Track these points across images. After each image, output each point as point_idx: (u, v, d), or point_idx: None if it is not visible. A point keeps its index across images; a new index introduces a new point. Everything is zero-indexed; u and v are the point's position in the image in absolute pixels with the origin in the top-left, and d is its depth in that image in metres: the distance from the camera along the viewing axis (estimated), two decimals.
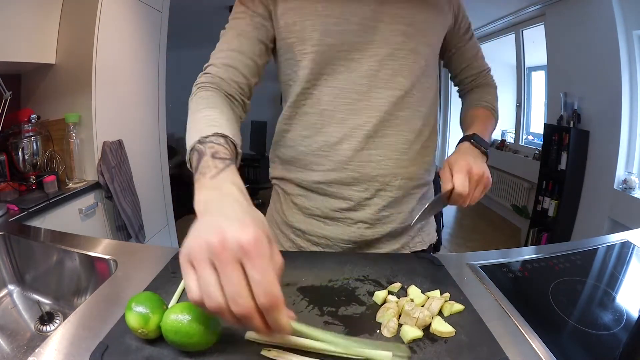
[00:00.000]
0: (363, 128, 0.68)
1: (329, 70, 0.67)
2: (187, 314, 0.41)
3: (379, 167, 0.69)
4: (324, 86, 0.68)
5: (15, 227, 0.89)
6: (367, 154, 0.69)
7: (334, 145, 0.69)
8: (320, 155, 0.70)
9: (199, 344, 0.41)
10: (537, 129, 3.62)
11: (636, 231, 0.81)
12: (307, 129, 0.71)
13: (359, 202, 0.71)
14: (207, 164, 0.45)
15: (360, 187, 0.70)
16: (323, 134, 0.69)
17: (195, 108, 0.58)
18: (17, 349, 0.67)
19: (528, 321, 0.50)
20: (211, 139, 0.49)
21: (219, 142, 0.49)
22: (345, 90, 0.68)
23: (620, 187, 2.34)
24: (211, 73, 0.65)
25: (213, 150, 0.47)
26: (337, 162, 0.69)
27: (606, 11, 2.32)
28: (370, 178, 0.70)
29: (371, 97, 0.67)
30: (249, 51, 0.67)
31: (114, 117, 1.72)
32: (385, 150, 0.69)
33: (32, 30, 1.45)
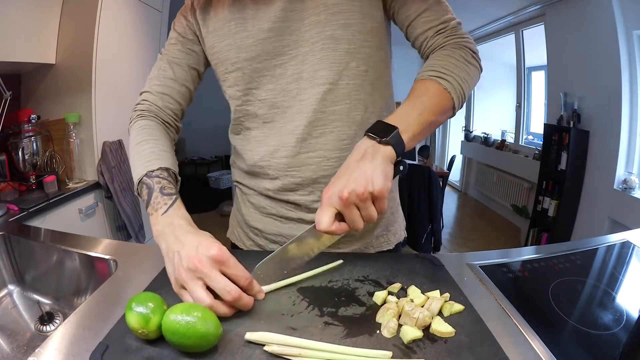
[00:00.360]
0: (294, 133, 0.66)
1: (256, 84, 0.67)
2: (187, 315, 0.41)
3: (318, 168, 0.67)
4: (256, 100, 0.68)
5: (15, 227, 0.89)
6: (304, 158, 0.67)
7: (272, 154, 0.69)
8: (262, 166, 0.71)
9: (199, 345, 0.41)
10: (537, 129, 3.62)
11: (636, 231, 0.81)
12: (249, 143, 0.73)
13: (306, 205, 0.70)
14: (158, 200, 0.56)
15: (304, 191, 0.69)
16: (263, 144, 0.70)
17: (138, 138, 0.65)
18: (17, 349, 0.67)
19: (528, 321, 0.50)
20: (157, 173, 0.59)
21: (164, 176, 0.59)
22: (276, 100, 0.67)
23: (620, 187, 2.34)
24: (148, 101, 0.72)
25: (160, 185, 0.58)
26: (278, 170, 0.69)
27: (606, 11, 2.32)
28: (312, 181, 0.68)
29: (300, 100, 0.65)
30: (181, 78, 0.72)
31: (114, 117, 1.72)
32: (322, 151, 0.66)
33: (32, 30, 1.45)
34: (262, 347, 0.43)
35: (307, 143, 0.66)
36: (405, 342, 0.44)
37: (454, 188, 5.11)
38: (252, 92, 0.68)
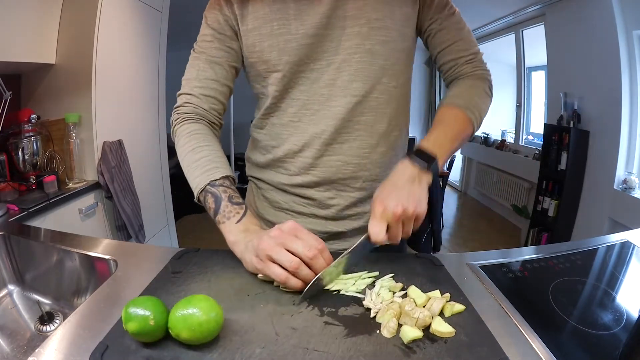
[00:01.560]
0: (321, 136, 0.70)
1: (293, 84, 0.70)
2: (191, 307, 0.42)
3: (338, 172, 0.72)
4: (289, 99, 0.71)
5: (15, 227, 0.89)
6: (326, 160, 0.71)
7: (297, 153, 0.72)
8: (285, 162, 0.74)
9: (204, 336, 0.42)
10: (537, 129, 3.62)
11: (636, 231, 0.81)
12: (275, 139, 0.75)
13: (321, 201, 0.74)
14: (229, 209, 0.60)
15: (322, 189, 0.74)
16: (288, 143, 0.73)
17: (191, 144, 0.66)
18: (17, 349, 0.67)
19: (528, 321, 0.50)
20: (220, 181, 0.61)
21: (228, 185, 0.62)
22: (308, 102, 0.70)
23: (620, 187, 2.34)
24: (192, 103, 0.70)
25: (227, 194, 0.61)
26: (300, 168, 0.73)
27: (606, 11, 2.32)
28: (331, 182, 0.73)
29: (330, 106, 0.69)
30: (222, 78, 0.72)
31: (114, 117, 1.72)
32: (344, 156, 0.71)
33: (32, 30, 1.45)
34: (262, 347, 0.43)
35: (331, 147, 0.71)
36: (405, 342, 0.44)
37: (454, 188, 5.11)
38: (287, 91, 0.70)
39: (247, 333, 0.45)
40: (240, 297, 0.53)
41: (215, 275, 0.58)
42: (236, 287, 0.55)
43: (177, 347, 0.43)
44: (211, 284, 0.56)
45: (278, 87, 0.70)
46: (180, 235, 2.53)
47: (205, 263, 0.62)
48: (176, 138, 0.70)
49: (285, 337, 0.45)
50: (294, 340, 0.44)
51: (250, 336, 0.45)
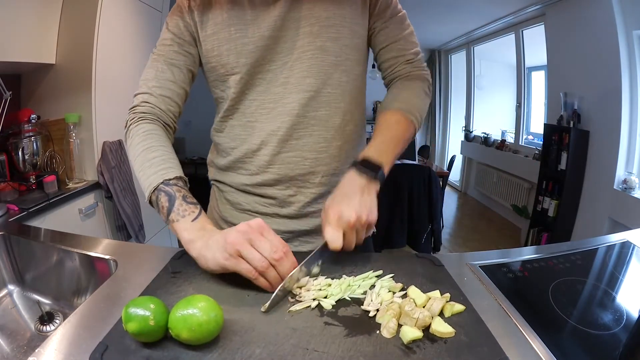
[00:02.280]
0: (277, 133, 0.71)
1: (250, 86, 0.71)
2: (192, 308, 0.42)
3: (296, 167, 0.73)
4: (246, 100, 0.73)
5: (15, 227, 0.89)
6: (283, 157, 0.72)
7: (255, 152, 0.74)
8: (244, 162, 0.76)
9: (204, 336, 0.42)
10: (537, 129, 3.62)
11: (636, 231, 0.81)
12: (234, 140, 0.76)
13: (282, 199, 0.75)
14: (183, 208, 0.59)
15: (281, 187, 0.75)
16: (246, 143, 0.74)
17: (145, 144, 0.66)
18: (17, 349, 0.67)
19: (528, 321, 0.50)
20: (174, 182, 0.61)
21: (182, 185, 0.62)
22: (264, 102, 0.71)
23: (620, 187, 2.34)
24: (150, 103, 0.71)
25: (182, 194, 0.60)
26: (259, 167, 0.74)
27: (606, 11, 2.32)
28: (290, 178, 0.74)
29: (284, 103, 0.70)
30: (180, 80, 0.73)
31: (114, 117, 1.72)
32: (300, 152, 0.72)
33: (32, 30, 1.45)
34: (262, 347, 0.43)
35: (287, 144, 0.72)
36: (405, 342, 0.44)
37: (454, 188, 5.11)
38: (245, 93, 0.72)
39: (247, 333, 0.45)
40: (240, 297, 0.53)
41: (215, 276, 0.58)
42: (236, 287, 0.55)
43: (177, 347, 0.43)
44: (211, 284, 0.56)
45: (236, 89, 0.72)
46: None
47: None
48: (129, 138, 0.69)
49: (285, 337, 0.45)
50: (294, 340, 0.44)
51: (250, 336, 0.45)
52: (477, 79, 4.48)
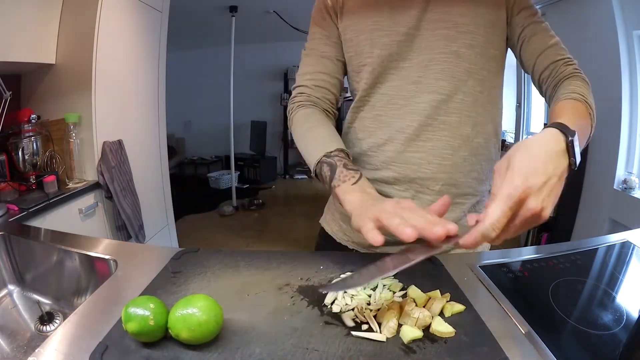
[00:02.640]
0: (405, 131, 0.71)
1: (382, 79, 0.73)
2: (191, 307, 0.42)
3: (419, 170, 0.72)
4: (378, 93, 0.74)
5: (15, 227, 0.89)
6: (408, 156, 0.72)
7: (380, 146, 0.74)
8: (369, 155, 0.76)
9: (208, 331, 0.42)
10: (537, 129, 3.62)
11: (636, 231, 0.81)
12: (362, 132, 0.77)
13: None
14: (344, 174, 0.60)
15: (400, 187, 0.74)
16: (373, 136, 0.75)
17: (307, 125, 0.72)
18: (17, 349, 0.67)
19: (528, 321, 0.50)
20: (335, 153, 0.63)
21: (343, 156, 0.63)
22: (394, 97, 0.72)
23: (620, 187, 2.34)
24: (306, 93, 0.77)
25: (343, 162, 0.62)
26: (382, 162, 0.75)
27: (606, 11, 2.32)
28: (410, 180, 0.73)
29: (415, 102, 0.71)
30: (332, 71, 0.78)
31: (114, 117, 1.72)
32: (426, 154, 0.71)
33: (32, 30, 1.45)
34: (262, 347, 0.43)
35: (414, 143, 0.71)
36: (405, 342, 0.44)
37: None
38: (376, 85, 0.74)
39: (247, 333, 0.45)
40: (240, 297, 0.53)
41: (215, 275, 0.58)
42: (236, 287, 0.55)
43: (177, 347, 0.43)
44: (211, 284, 0.56)
45: (368, 81, 0.74)
46: (180, 235, 2.53)
47: (205, 263, 0.62)
48: (292, 125, 0.75)
49: (285, 337, 0.45)
50: (294, 340, 0.44)
51: (250, 336, 0.45)
52: None
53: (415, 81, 0.70)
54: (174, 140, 5.61)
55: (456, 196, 0.73)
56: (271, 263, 0.62)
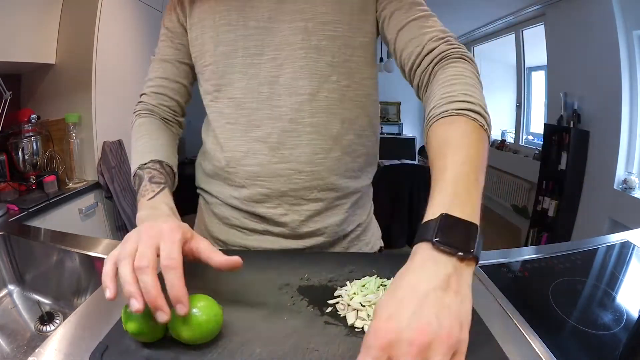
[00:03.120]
0: (266, 140, 0.63)
1: (227, 81, 0.65)
2: (193, 307, 0.42)
3: (289, 181, 0.64)
4: (224, 98, 0.66)
5: (15, 227, 0.89)
6: (275, 168, 0.63)
7: (240, 160, 0.65)
8: (228, 172, 0.67)
9: (208, 331, 0.42)
10: (537, 129, 3.62)
11: (636, 231, 0.81)
12: (216, 145, 0.69)
13: (272, 219, 0.66)
14: (146, 188, 0.56)
15: (271, 204, 0.66)
16: (228, 149, 0.66)
17: (135, 136, 0.66)
18: (17, 349, 0.67)
19: (528, 321, 0.50)
20: (148, 165, 0.59)
21: (155, 168, 0.59)
22: (245, 101, 0.64)
23: (620, 187, 2.34)
24: (144, 101, 0.72)
25: (150, 175, 0.58)
26: (245, 179, 0.66)
27: (606, 11, 2.32)
28: (281, 194, 0.65)
29: (272, 106, 0.62)
30: (173, 75, 0.72)
31: (114, 117, 1.72)
32: (295, 163, 0.63)
33: (32, 30, 1.45)
34: (262, 347, 0.43)
35: (279, 153, 0.63)
36: None
37: None
38: (222, 88, 0.66)
39: (247, 333, 0.45)
40: (240, 297, 0.53)
41: (215, 275, 0.58)
42: (236, 287, 0.55)
43: (177, 347, 0.43)
44: (211, 284, 0.56)
45: (212, 82, 0.66)
46: None
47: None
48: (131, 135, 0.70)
49: (285, 337, 0.44)
50: (294, 340, 0.44)
51: (250, 336, 0.45)
52: None
53: (269, 81, 0.62)
54: None
55: (335, 199, 0.67)
56: (271, 263, 0.62)
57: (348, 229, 0.71)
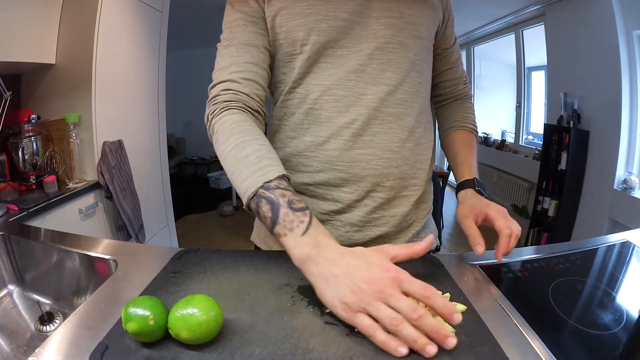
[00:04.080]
0: (351, 126, 0.65)
1: (316, 69, 0.66)
2: (191, 307, 0.42)
3: (369, 167, 0.66)
4: (310, 84, 0.66)
5: (15, 227, 0.89)
6: (355, 154, 0.66)
7: (321, 145, 0.66)
8: (307, 157, 0.68)
9: (208, 331, 0.42)
10: (537, 129, 3.62)
11: (636, 231, 0.81)
12: (294, 130, 0.69)
13: (348, 204, 0.68)
14: (290, 219, 0.49)
15: (349, 189, 0.67)
16: (310, 134, 0.67)
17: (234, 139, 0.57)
18: (17, 349, 0.67)
19: (528, 321, 0.50)
20: (275, 183, 0.52)
21: (284, 187, 0.52)
22: (331, 87, 0.65)
23: (620, 187, 2.34)
24: (232, 89, 0.63)
25: (286, 199, 0.51)
26: (325, 163, 0.67)
27: (606, 11, 2.32)
28: (360, 179, 0.67)
29: (359, 93, 0.65)
30: (261, 61, 0.66)
31: (114, 117, 1.72)
32: (375, 150, 0.66)
33: (32, 30, 1.45)
34: (262, 347, 0.43)
35: (361, 139, 0.66)
36: None
37: (454, 188, 5.10)
38: (309, 75, 0.67)
39: (247, 333, 0.45)
40: (240, 297, 0.53)
41: (215, 275, 0.58)
42: (236, 287, 0.55)
43: (177, 347, 0.43)
44: (211, 284, 0.56)
45: (301, 70, 0.66)
46: (180, 235, 2.53)
47: (205, 263, 0.62)
48: (214, 134, 0.61)
49: (285, 337, 0.44)
50: (294, 340, 0.44)
51: (250, 336, 0.45)
52: (477, 79, 4.48)
53: (356, 70, 0.65)
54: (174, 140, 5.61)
55: (404, 188, 0.70)
56: (271, 263, 0.62)
57: (410, 221, 0.74)
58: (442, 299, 0.43)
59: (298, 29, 0.64)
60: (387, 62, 0.66)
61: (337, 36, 0.64)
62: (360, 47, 0.65)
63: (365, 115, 0.65)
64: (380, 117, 0.66)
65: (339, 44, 0.65)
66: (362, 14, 0.65)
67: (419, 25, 0.68)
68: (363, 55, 0.65)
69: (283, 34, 0.66)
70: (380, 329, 0.42)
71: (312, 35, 0.64)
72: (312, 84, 0.66)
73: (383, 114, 0.66)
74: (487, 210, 0.64)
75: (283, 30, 0.65)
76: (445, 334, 0.41)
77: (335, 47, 0.65)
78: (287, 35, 0.65)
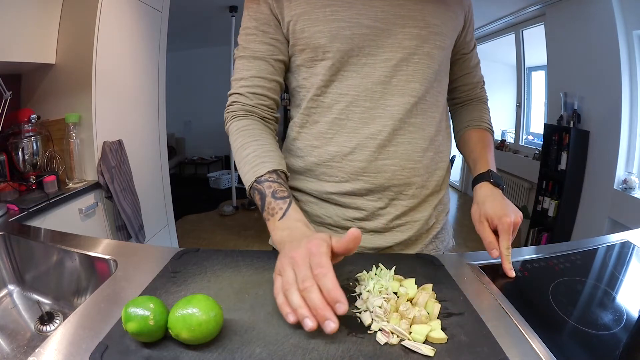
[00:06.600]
0: (376, 137, 0.66)
1: (340, 77, 0.66)
2: (191, 307, 0.42)
3: (393, 177, 0.68)
4: (335, 94, 0.67)
5: (15, 227, 0.89)
6: (381, 165, 0.67)
7: (346, 155, 0.67)
8: (331, 167, 0.69)
9: (208, 331, 0.42)
10: (537, 129, 3.62)
11: (636, 231, 0.81)
12: (318, 139, 0.69)
13: (372, 211, 0.70)
14: (272, 206, 0.57)
15: (373, 197, 0.69)
16: (334, 143, 0.68)
17: (239, 142, 0.65)
18: (17, 349, 0.67)
19: (528, 321, 0.50)
20: (265, 177, 0.59)
21: (273, 179, 0.59)
22: (358, 98, 0.65)
23: (620, 187, 2.34)
24: (240, 102, 0.69)
25: (272, 189, 0.58)
26: (350, 174, 0.68)
27: (606, 11, 2.32)
28: (384, 189, 0.68)
29: (385, 105, 0.65)
30: (269, 74, 0.69)
31: (114, 117, 1.72)
32: (399, 160, 0.67)
33: (32, 30, 1.45)
34: (262, 347, 0.43)
35: (385, 150, 0.67)
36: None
37: (454, 188, 5.11)
38: (333, 83, 0.66)
39: (247, 333, 0.45)
40: (240, 297, 0.53)
41: (215, 275, 0.58)
42: (236, 287, 0.55)
43: (177, 347, 0.43)
44: (211, 283, 0.56)
45: (324, 78, 0.66)
46: (180, 235, 2.53)
47: (205, 263, 0.62)
48: (229, 138, 0.69)
49: (285, 337, 0.45)
50: (294, 340, 0.44)
51: (250, 336, 0.45)
52: None
53: (382, 81, 0.65)
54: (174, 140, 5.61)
55: (427, 196, 0.72)
56: (271, 263, 0.62)
57: (431, 224, 0.75)
58: (331, 282, 0.43)
59: (320, 36, 0.64)
60: (413, 73, 0.66)
61: (361, 44, 0.64)
62: (385, 57, 0.64)
63: (391, 127, 0.66)
64: (404, 127, 0.67)
65: (364, 51, 0.64)
66: (386, 21, 0.63)
67: (444, 36, 0.67)
68: (389, 66, 0.65)
69: (304, 40, 0.65)
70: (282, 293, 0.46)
71: (335, 42, 0.63)
72: (337, 94, 0.66)
73: (407, 125, 0.67)
74: (497, 222, 0.64)
75: (305, 36, 0.65)
76: (323, 315, 0.42)
77: (359, 55, 0.64)
78: (309, 41, 0.65)
